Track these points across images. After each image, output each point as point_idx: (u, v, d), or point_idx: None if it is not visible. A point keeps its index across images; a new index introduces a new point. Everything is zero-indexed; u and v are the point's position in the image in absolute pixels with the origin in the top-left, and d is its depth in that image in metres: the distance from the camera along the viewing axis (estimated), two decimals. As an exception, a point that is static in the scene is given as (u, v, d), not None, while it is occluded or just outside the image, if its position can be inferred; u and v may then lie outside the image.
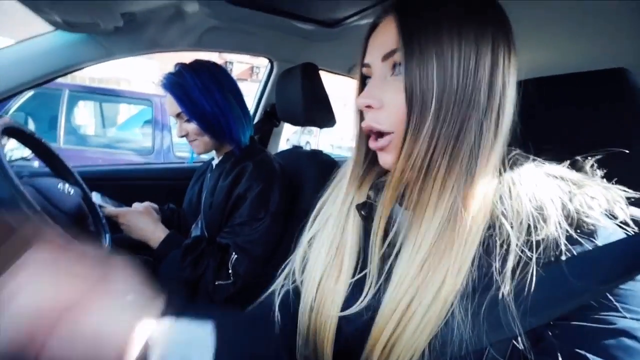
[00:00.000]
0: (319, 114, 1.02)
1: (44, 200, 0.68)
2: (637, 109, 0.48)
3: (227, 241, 0.80)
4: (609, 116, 0.52)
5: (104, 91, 3.57)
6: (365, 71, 0.45)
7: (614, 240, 0.33)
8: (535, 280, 0.33)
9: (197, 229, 0.99)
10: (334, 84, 1.30)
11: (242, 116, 0.89)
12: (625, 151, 0.39)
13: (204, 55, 1.01)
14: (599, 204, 0.35)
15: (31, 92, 2.71)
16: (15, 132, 0.76)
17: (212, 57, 0.93)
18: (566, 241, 0.33)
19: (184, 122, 0.87)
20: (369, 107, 0.41)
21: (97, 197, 0.93)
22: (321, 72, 1.08)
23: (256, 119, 1.48)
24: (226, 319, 0.41)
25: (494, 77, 0.38)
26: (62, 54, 0.89)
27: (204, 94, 0.82)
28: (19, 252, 0.26)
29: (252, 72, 12.99)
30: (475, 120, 0.37)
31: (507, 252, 0.35)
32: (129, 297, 0.29)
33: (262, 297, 0.55)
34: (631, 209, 0.35)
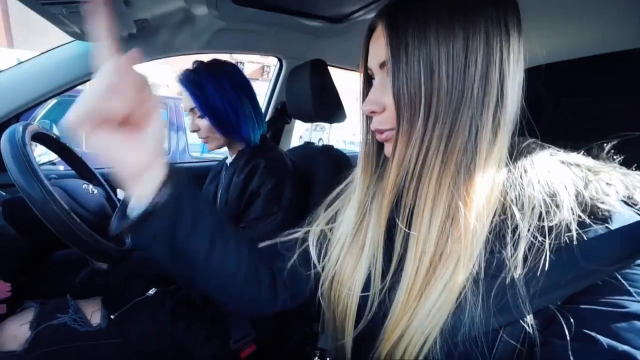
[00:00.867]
0: (329, 109, 1.02)
1: (70, 199, 0.72)
2: None
3: None
4: (630, 101, 0.50)
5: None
6: (369, 72, 0.46)
7: (630, 223, 0.33)
8: (547, 265, 0.33)
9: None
10: (344, 79, 1.30)
11: (253, 116, 0.91)
12: None
13: (218, 56, 1.03)
14: (616, 191, 0.34)
15: (55, 100, 2.83)
16: (43, 137, 0.81)
17: (224, 57, 0.95)
18: (578, 227, 0.33)
19: (196, 117, 0.90)
20: (374, 113, 0.43)
21: (122, 193, 0.97)
22: (331, 67, 1.08)
23: (267, 117, 1.50)
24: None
25: (490, 71, 0.37)
26: (82, 62, 0.93)
27: (217, 91, 0.85)
28: None
29: (262, 72, 13.09)
30: (468, 117, 0.37)
31: (518, 238, 0.35)
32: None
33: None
34: None
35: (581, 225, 0.33)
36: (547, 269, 0.33)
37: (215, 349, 0.83)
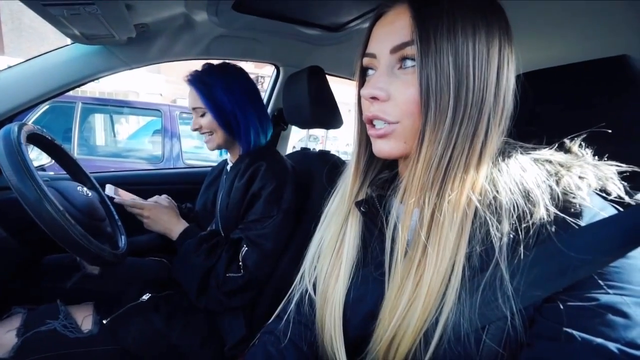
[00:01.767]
0: (326, 115, 1.04)
1: (64, 200, 0.71)
2: None
3: (240, 235, 0.82)
4: (613, 106, 0.52)
5: (115, 103, 3.68)
6: (367, 62, 0.44)
7: (599, 219, 0.33)
8: (528, 261, 0.33)
9: (212, 230, 1.02)
10: (338, 90, 1.32)
11: (257, 121, 0.91)
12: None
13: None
14: (588, 184, 0.35)
15: (46, 106, 2.81)
16: (38, 138, 0.80)
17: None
18: (554, 223, 0.33)
19: (198, 116, 0.91)
20: (375, 99, 0.41)
21: (110, 190, 0.96)
22: (327, 76, 1.10)
23: (264, 124, 1.51)
24: None
25: (500, 76, 0.38)
26: (80, 65, 0.93)
27: (226, 92, 0.86)
28: None
29: (257, 82, 13.17)
30: (485, 119, 0.37)
31: (500, 237, 0.35)
32: None
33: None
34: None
35: (556, 221, 0.34)
36: (527, 266, 0.33)
37: (210, 355, 0.81)
